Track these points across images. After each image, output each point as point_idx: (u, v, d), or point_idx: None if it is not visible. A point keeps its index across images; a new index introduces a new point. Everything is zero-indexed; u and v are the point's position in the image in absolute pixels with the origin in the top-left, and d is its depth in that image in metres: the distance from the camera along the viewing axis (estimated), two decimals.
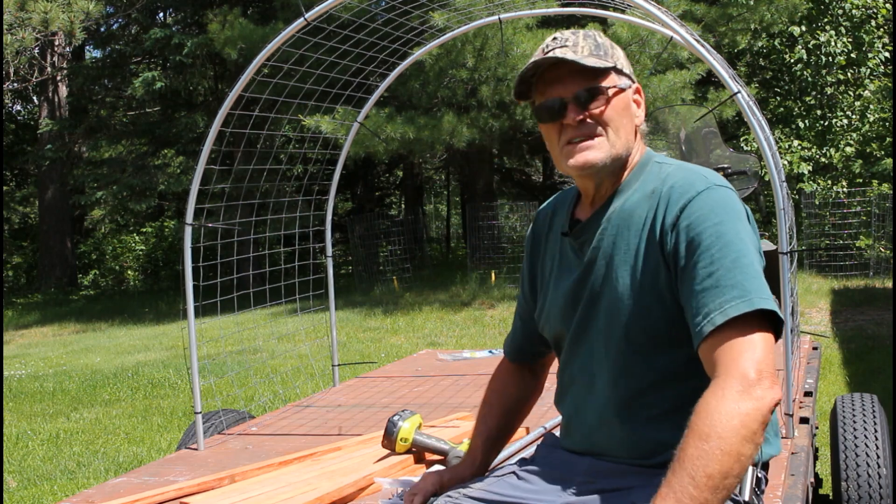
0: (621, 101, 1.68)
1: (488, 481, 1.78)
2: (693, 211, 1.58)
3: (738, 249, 1.53)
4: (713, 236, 1.54)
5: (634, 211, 1.66)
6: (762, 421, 1.41)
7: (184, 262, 3.21)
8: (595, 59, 1.65)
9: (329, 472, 2.63)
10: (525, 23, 11.04)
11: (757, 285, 1.50)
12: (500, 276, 13.27)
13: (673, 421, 1.63)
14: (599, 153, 1.66)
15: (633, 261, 1.64)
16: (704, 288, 1.51)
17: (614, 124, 1.66)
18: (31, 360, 10.71)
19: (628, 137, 1.69)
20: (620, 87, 1.68)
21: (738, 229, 1.56)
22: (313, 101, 4.03)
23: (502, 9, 3.94)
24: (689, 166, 1.69)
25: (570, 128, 1.66)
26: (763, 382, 1.42)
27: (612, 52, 1.70)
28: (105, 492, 2.66)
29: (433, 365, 4.74)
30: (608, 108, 1.66)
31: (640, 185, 1.69)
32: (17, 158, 22.88)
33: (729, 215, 1.57)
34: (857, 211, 12.84)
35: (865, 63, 14.26)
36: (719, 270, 1.51)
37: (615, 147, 1.67)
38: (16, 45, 12.81)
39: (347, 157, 4.46)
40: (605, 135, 1.66)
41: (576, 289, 1.73)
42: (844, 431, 3.18)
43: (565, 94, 1.65)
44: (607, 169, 1.69)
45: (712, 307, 1.49)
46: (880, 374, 6.70)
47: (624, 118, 1.68)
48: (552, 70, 1.67)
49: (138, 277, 21.07)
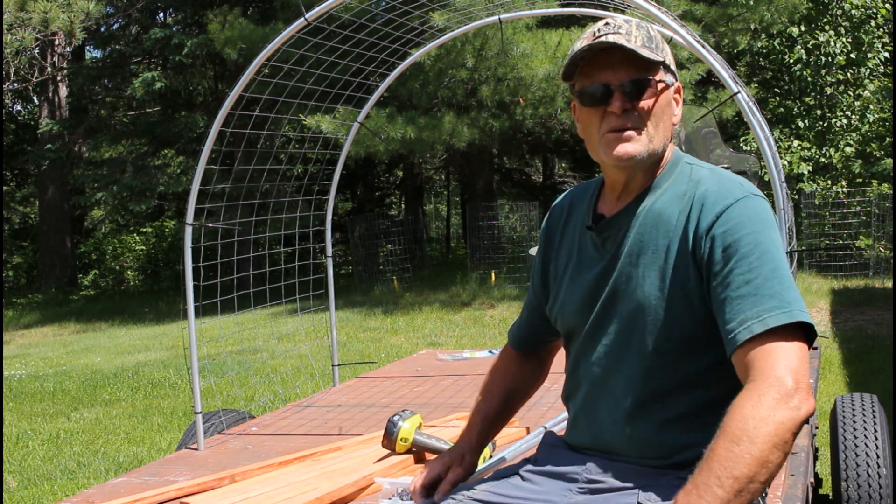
0: (665, 98, 1.67)
1: (492, 483, 1.78)
2: (731, 218, 1.57)
3: (775, 259, 1.53)
4: (751, 244, 1.53)
5: (665, 211, 1.65)
6: (794, 430, 1.40)
7: (184, 262, 3.21)
8: (648, 50, 1.63)
9: (329, 472, 2.63)
10: (525, 23, 11.04)
11: (795, 297, 1.50)
12: (500, 276, 13.27)
13: (686, 425, 1.63)
14: (640, 146, 1.64)
15: (663, 262, 1.62)
16: (741, 295, 1.51)
17: (656, 119, 1.65)
18: (31, 360, 10.71)
19: (666, 134, 1.69)
20: (667, 83, 1.67)
21: (774, 239, 1.56)
22: (313, 101, 4.03)
23: (502, 9, 3.94)
24: (722, 172, 1.68)
25: (612, 116, 1.64)
26: (800, 392, 1.42)
27: (663, 47, 1.69)
28: (105, 492, 2.67)
29: (433, 365, 4.74)
30: (655, 104, 1.65)
31: (670, 185, 1.68)
32: (17, 158, 22.88)
33: (765, 225, 1.57)
34: (857, 211, 12.85)
35: (865, 63, 14.26)
36: (757, 279, 1.51)
37: (654, 142, 1.66)
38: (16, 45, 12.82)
39: (347, 157, 4.46)
40: (646, 128, 1.65)
41: (595, 284, 1.71)
42: (844, 431, 3.18)
43: (613, 81, 1.63)
44: (643, 163, 1.67)
45: (750, 315, 1.49)
46: (880, 374, 6.70)
47: (665, 114, 1.67)
48: (602, 55, 1.64)
49: (138, 277, 21.07)
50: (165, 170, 18.62)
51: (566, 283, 1.79)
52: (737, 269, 1.53)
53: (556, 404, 3.47)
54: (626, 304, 1.66)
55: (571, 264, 1.79)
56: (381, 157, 14.48)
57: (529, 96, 11.36)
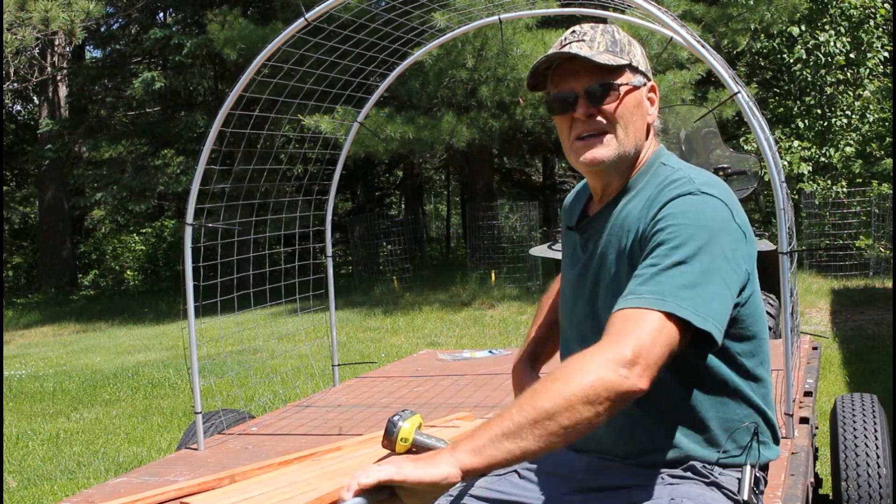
0: (633, 99, 1.67)
1: (490, 479, 1.78)
2: (668, 211, 1.58)
3: (685, 255, 1.51)
4: (670, 237, 1.54)
5: (632, 212, 1.67)
6: (611, 396, 1.39)
7: (184, 262, 3.21)
8: (610, 55, 1.65)
9: (329, 472, 2.63)
10: (525, 23, 11.04)
11: (685, 294, 1.47)
12: (500, 276, 13.27)
13: (675, 424, 1.63)
14: (607, 151, 1.66)
15: (624, 262, 1.64)
16: (638, 275, 1.52)
17: (624, 122, 1.66)
18: (31, 360, 10.71)
19: (638, 136, 1.69)
20: (634, 84, 1.67)
21: (700, 237, 1.52)
22: (313, 101, 4.02)
23: (502, 9, 3.94)
24: (689, 169, 1.68)
25: (579, 122, 1.66)
26: (636, 368, 1.41)
27: (629, 49, 1.69)
28: (105, 492, 2.67)
29: (433, 365, 4.74)
30: (619, 106, 1.65)
31: (644, 186, 1.69)
32: (17, 158, 22.88)
33: (697, 220, 1.54)
34: (857, 211, 12.84)
35: (865, 63, 14.26)
36: (657, 268, 1.51)
37: (623, 145, 1.67)
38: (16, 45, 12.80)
39: (347, 157, 4.46)
40: (613, 132, 1.66)
41: (577, 284, 1.74)
42: (844, 431, 3.18)
43: (577, 89, 1.66)
44: (615, 167, 1.69)
45: (632, 291, 1.50)
46: (880, 374, 6.70)
47: (635, 116, 1.68)
48: (567, 63, 1.67)
49: (138, 277, 21.07)
50: (165, 170, 18.62)
51: (563, 279, 1.84)
52: (651, 255, 1.54)
53: None
54: (601, 305, 1.68)
55: (566, 261, 1.83)
56: (381, 157, 14.48)
57: (529, 96, 11.35)
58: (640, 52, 1.71)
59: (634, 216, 1.65)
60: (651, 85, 1.72)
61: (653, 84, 1.73)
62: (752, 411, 1.66)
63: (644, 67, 1.71)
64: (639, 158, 1.71)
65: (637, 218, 1.64)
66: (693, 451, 1.63)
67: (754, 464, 1.66)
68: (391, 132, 11.28)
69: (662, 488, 1.61)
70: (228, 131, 3.35)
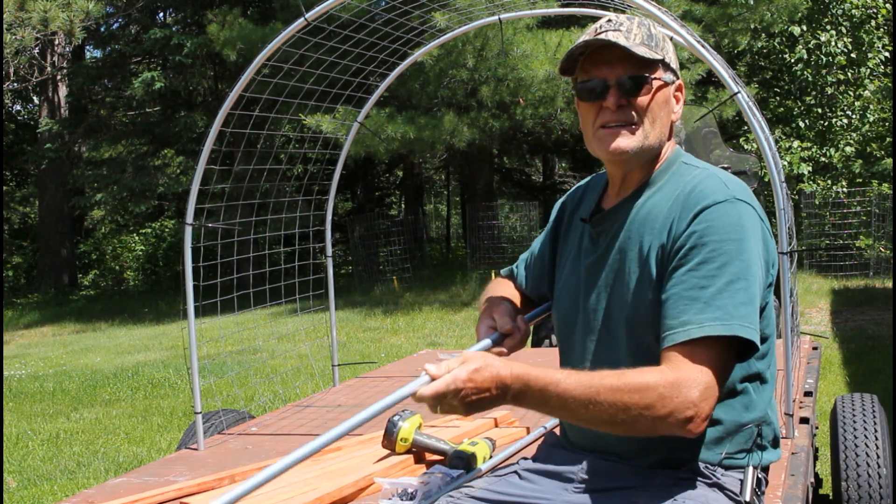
0: (663, 95, 1.68)
1: (490, 480, 1.78)
2: (705, 220, 1.58)
3: (735, 272, 1.53)
4: (716, 252, 1.54)
5: (653, 210, 1.66)
6: (659, 429, 1.47)
7: (184, 262, 3.21)
8: (646, 48, 1.65)
9: (329, 472, 2.63)
10: (525, 23, 11.04)
11: (743, 312, 1.51)
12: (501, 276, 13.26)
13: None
14: (632, 141, 1.66)
15: (645, 262, 1.63)
16: (692, 298, 1.53)
17: (652, 116, 1.67)
18: (31, 360, 10.71)
19: (663, 131, 1.69)
20: (665, 80, 1.68)
21: (743, 249, 1.55)
22: (313, 101, 4.02)
23: (502, 9, 3.94)
24: (715, 172, 1.68)
25: (608, 111, 1.66)
26: (701, 411, 1.47)
27: (664, 45, 1.70)
28: (105, 492, 2.66)
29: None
30: (650, 101, 1.66)
31: (665, 184, 1.69)
32: (17, 158, 22.87)
33: (738, 233, 1.56)
34: (857, 211, 12.85)
35: (865, 63, 14.26)
36: (710, 288, 1.52)
37: (649, 138, 1.67)
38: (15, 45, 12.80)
39: (347, 156, 4.46)
40: (641, 125, 1.67)
41: (588, 278, 1.73)
42: (844, 431, 3.18)
43: (610, 78, 1.65)
44: (638, 158, 1.69)
45: (692, 319, 1.51)
46: (880, 374, 6.70)
47: (662, 111, 1.68)
48: (601, 52, 1.67)
49: (138, 277, 21.07)
50: (165, 170, 18.62)
51: (566, 270, 1.81)
52: (696, 271, 1.54)
53: None
54: (614, 301, 1.67)
55: (572, 252, 1.81)
56: (381, 156, 14.48)
57: (529, 97, 11.35)
58: (672, 49, 1.72)
59: (661, 213, 1.64)
60: (678, 84, 1.72)
61: (681, 83, 1.73)
62: (756, 413, 1.66)
63: (675, 65, 1.72)
64: (661, 154, 1.72)
65: (666, 217, 1.63)
66: (696, 452, 1.63)
67: (756, 465, 1.66)
68: (391, 132, 11.28)
69: (664, 489, 1.60)
70: (228, 131, 3.35)
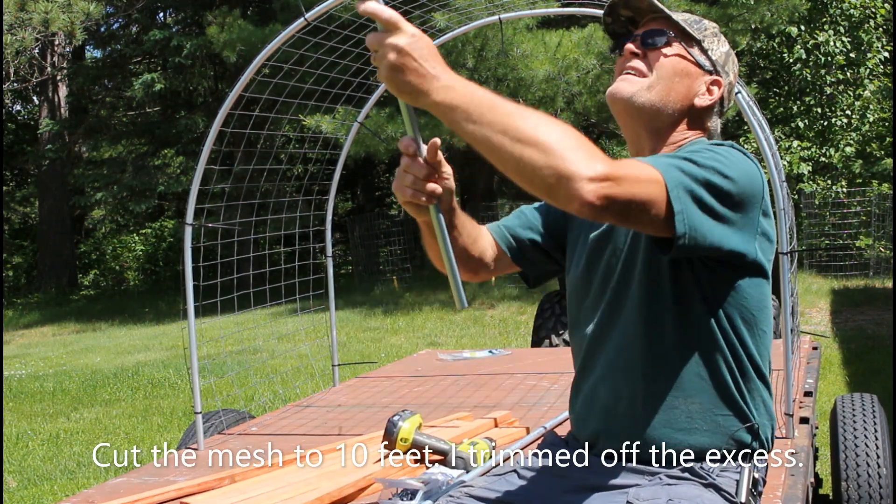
0: (684, 67, 1.67)
1: (490, 479, 1.78)
2: (694, 145, 1.60)
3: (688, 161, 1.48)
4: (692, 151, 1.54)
5: None
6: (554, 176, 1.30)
7: (184, 262, 3.21)
8: (685, 23, 1.67)
9: (329, 472, 2.63)
10: (525, 23, 11.04)
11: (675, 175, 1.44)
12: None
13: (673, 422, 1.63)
14: (633, 87, 1.65)
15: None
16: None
17: (662, 73, 1.66)
18: (31, 360, 10.71)
19: (672, 98, 1.67)
20: (695, 59, 1.68)
21: (707, 159, 1.50)
22: (313, 101, 4.02)
23: (502, 9, 3.94)
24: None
25: (623, 60, 1.68)
26: (599, 183, 1.32)
27: (708, 37, 1.70)
28: (105, 492, 2.67)
29: (433, 365, 4.74)
30: (666, 60, 1.66)
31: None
32: (17, 158, 22.86)
33: (719, 152, 1.53)
34: (857, 211, 12.85)
35: (864, 63, 14.26)
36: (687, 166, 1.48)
37: (651, 92, 1.66)
38: (16, 46, 12.80)
39: (347, 156, 4.46)
40: (648, 77, 1.66)
41: (595, 248, 1.72)
42: (844, 431, 3.18)
43: (636, 30, 1.69)
44: (640, 114, 1.66)
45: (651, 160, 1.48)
46: (880, 374, 6.70)
47: (678, 79, 1.67)
48: (639, 8, 1.69)
49: (138, 277, 21.07)
50: (165, 170, 18.61)
51: (579, 245, 1.79)
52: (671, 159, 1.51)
53: (556, 404, 3.48)
54: (619, 279, 1.67)
55: (584, 232, 1.79)
56: (381, 157, 14.46)
57: (529, 97, 11.35)
58: (720, 46, 1.71)
59: None
60: (715, 79, 1.70)
61: (717, 78, 1.70)
62: (753, 412, 1.66)
63: (716, 58, 1.70)
64: (673, 130, 1.68)
65: None
66: (693, 450, 1.63)
67: (753, 465, 1.66)
68: (392, 132, 11.28)
69: (660, 489, 1.61)
70: (228, 131, 3.35)
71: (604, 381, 1.69)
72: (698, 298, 1.60)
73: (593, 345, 1.72)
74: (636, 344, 1.64)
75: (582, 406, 1.75)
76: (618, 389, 1.67)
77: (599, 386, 1.70)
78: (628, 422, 1.65)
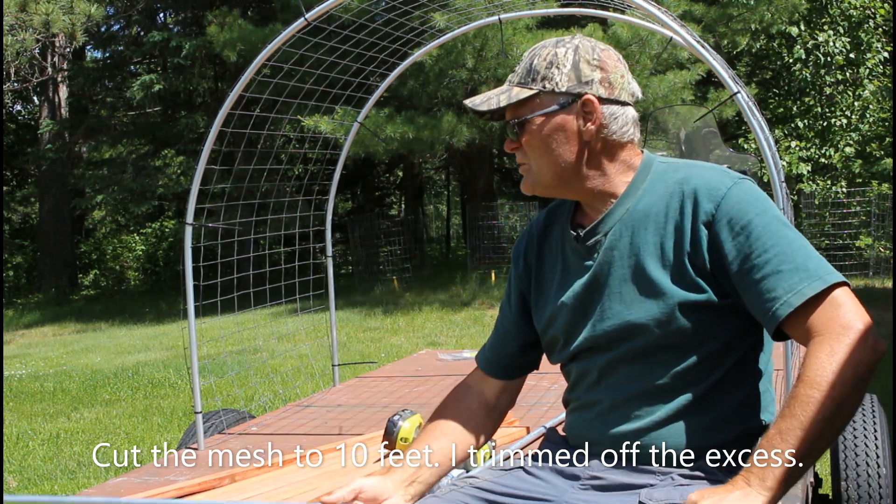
0: (546, 127, 1.64)
1: (496, 474, 1.77)
2: (731, 205, 1.57)
3: (787, 234, 1.54)
4: (760, 226, 1.54)
5: (651, 210, 1.64)
6: (872, 370, 1.45)
7: (184, 262, 3.21)
8: (519, 88, 1.65)
9: (329, 472, 2.63)
10: (525, 23, 11.04)
11: (819, 263, 1.52)
12: (500, 276, 13.27)
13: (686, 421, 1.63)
14: (529, 181, 1.70)
15: (657, 259, 1.62)
16: (766, 275, 1.51)
17: (534, 153, 1.67)
18: (31, 360, 10.72)
19: (564, 159, 1.65)
20: (545, 113, 1.64)
21: (778, 215, 1.57)
22: (313, 101, 4.03)
23: (502, 9, 3.94)
24: (699, 164, 1.68)
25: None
26: (873, 333, 1.46)
27: (548, 73, 1.64)
28: (105, 492, 2.67)
29: (433, 365, 4.74)
30: (530, 138, 1.66)
31: (650, 185, 1.67)
32: (18, 158, 22.87)
33: (764, 203, 1.58)
34: (857, 211, 12.85)
35: (864, 63, 14.27)
36: (777, 257, 1.52)
37: (543, 172, 1.67)
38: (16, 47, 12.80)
39: (347, 157, 4.46)
40: (529, 164, 1.68)
41: (589, 288, 1.70)
42: (844, 431, 3.18)
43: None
44: (549, 192, 1.70)
45: (782, 292, 1.50)
46: (880, 374, 6.63)
47: (552, 143, 1.65)
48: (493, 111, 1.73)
49: (138, 277, 21.07)
50: (166, 170, 18.63)
51: (553, 294, 1.76)
52: (755, 253, 1.53)
53: (555, 404, 3.47)
54: (624, 304, 1.65)
55: (557, 276, 1.77)
56: (381, 157, 14.48)
57: None
58: (564, 66, 1.64)
59: (658, 208, 1.63)
60: (585, 98, 1.63)
61: (588, 97, 1.63)
62: (757, 413, 1.67)
63: (567, 86, 1.63)
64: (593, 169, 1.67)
65: (664, 208, 1.62)
66: (693, 450, 1.63)
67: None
68: (391, 132, 11.29)
69: (672, 489, 1.60)
70: (228, 131, 3.35)
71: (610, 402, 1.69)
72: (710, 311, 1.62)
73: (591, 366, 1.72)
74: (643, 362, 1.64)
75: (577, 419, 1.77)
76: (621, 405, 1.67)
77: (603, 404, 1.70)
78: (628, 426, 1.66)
